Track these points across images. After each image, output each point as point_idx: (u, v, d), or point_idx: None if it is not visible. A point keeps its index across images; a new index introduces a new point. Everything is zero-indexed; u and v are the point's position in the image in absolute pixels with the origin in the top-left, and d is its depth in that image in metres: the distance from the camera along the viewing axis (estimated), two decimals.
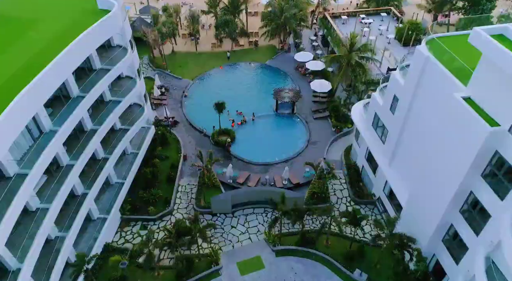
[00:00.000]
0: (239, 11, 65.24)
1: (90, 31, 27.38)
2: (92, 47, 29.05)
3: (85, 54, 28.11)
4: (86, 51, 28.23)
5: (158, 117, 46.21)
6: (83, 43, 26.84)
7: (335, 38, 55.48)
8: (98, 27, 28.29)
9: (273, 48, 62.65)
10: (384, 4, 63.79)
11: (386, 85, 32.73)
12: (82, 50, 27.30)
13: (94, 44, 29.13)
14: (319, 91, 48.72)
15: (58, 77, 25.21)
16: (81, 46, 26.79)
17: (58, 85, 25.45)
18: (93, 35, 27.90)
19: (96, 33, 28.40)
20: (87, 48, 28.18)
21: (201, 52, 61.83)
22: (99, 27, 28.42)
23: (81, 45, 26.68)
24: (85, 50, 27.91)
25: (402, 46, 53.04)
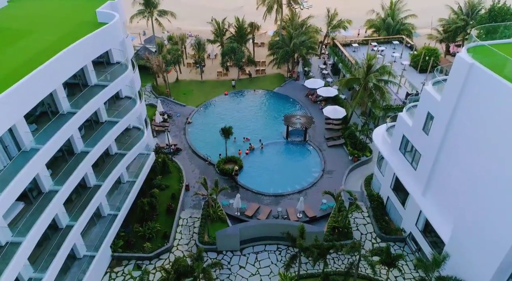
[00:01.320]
0: (246, 41, 63.70)
1: (84, 41, 24.45)
2: (87, 59, 25.98)
3: (77, 65, 24.93)
4: (79, 62, 25.08)
5: (159, 144, 42.57)
6: (75, 53, 23.82)
7: (347, 64, 53.04)
8: (93, 38, 25.43)
9: (281, 76, 60.24)
10: (394, 33, 62.07)
11: (414, 105, 29.32)
12: (74, 60, 24.16)
13: (89, 56, 26.10)
14: (333, 117, 45.36)
15: (43, 87, 21.83)
16: (73, 55, 23.73)
17: (43, 96, 21.99)
18: (87, 45, 24.95)
19: (91, 43, 25.47)
20: (81, 58, 25.07)
21: (206, 80, 59.41)
22: (94, 38, 25.57)
23: (73, 54, 23.64)
24: (77, 61, 24.77)
25: (418, 73, 50.32)
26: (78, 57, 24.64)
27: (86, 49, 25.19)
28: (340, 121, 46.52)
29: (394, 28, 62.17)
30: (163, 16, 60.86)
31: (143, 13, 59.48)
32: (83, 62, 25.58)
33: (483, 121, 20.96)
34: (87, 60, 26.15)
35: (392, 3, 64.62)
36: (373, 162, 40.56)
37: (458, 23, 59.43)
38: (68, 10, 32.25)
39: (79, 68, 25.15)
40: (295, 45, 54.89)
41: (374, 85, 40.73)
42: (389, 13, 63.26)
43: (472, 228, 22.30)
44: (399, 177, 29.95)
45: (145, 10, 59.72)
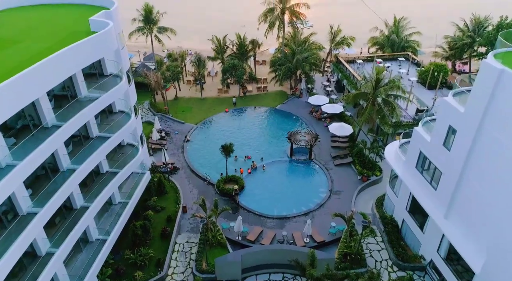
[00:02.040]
0: (247, 58, 62.27)
1: (72, 48, 22.34)
2: (75, 68, 23.83)
3: (64, 74, 22.73)
4: (66, 71, 22.89)
5: (155, 163, 40.04)
6: (61, 61, 21.69)
7: (352, 81, 51.19)
8: (82, 45, 23.35)
9: (283, 93, 58.38)
10: (399, 50, 60.66)
11: (432, 118, 27.04)
12: (60, 68, 21.97)
13: (78, 64, 23.96)
14: (339, 134, 43.03)
15: (24, 96, 19.50)
16: (59, 63, 21.59)
17: (23, 106, 19.63)
18: (75, 53, 22.84)
19: (80, 51, 23.38)
20: (68, 67, 22.89)
21: (206, 97, 57.52)
22: (84, 45, 23.50)
23: (59, 62, 21.50)
24: (64, 69, 22.58)
25: (426, 89, 48.39)
26: (65, 65, 22.45)
27: (74, 57, 23.06)
28: (347, 138, 44.18)
29: (399, 45, 60.84)
30: (163, 33, 59.66)
31: (143, 30, 58.27)
32: (71, 71, 23.39)
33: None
34: (76, 69, 24.00)
35: (395, 20, 63.64)
36: (384, 182, 37.94)
37: (464, 40, 58.10)
38: (62, 20, 30.58)
39: (66, 77, 22.92)
40: (298, 61, 53.26)
41: (383, 100, 38.62)
42: (393, 30, 62.09)
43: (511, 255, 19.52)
44: (417, 198, 27.26)
45: (145, 26, 58.55)
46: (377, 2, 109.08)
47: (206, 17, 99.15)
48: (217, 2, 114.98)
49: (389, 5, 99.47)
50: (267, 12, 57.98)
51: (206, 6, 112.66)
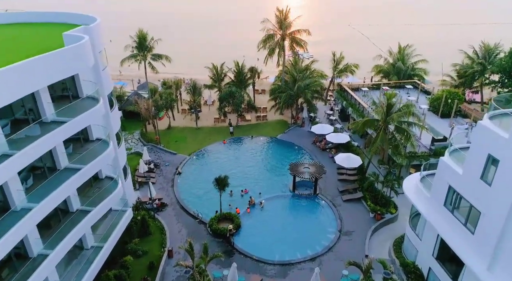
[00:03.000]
0: (246, 86, 59.20)
1: (32, 62, 18.67)
2: (38, 84, 20.00)
3: (22, 91, 18.85)
4: (25, 87, 19.02)
5: (141, 199, 35.50)
6: (17, 75, 17.92)
7: (358, 109, 47.61)
8: (48, 58, 19.73)
9: (284, 122, 54.66)
10: (406, 78, 57.64)
11: (462, 146, 22.95)
12: (19, 82, 18.16)
13: (41, 80, 20.12)
14: (347, 166, 38.78)
15: None
16: (14, 78, 17.80)
17: None
18: (38, 66, 19.13)
19: (46, 65, 19.71)
20: (29, 83, 19.07)
21: (202, 127, 53.78)
22: (50, 59, 19.88)
23: (13, 76, 17.71)
24: (25, 84, 18.74)
25: (439, 118, 44.68)
26: (25, 80, 18.65)
27: (36, 72, 19.30)
28: (355, 171, 39.87)
29: (405, 73, 57.88)
30: (157, 60, 56.84)
31: (136, 57, 55.48)
32: (32, 87, 19.56)
33: None
34: (39, 85, 20.15)
35: (400, 48, 61.09)
36: (400, 221, 33.30)
37: (474, 67, 55.09)
38: (36, 37, 27.48)
39: (24, 94, 19.03)
40: (299, 88, 49.97)
41: (396, 127, 34.68)
42: (398, 57, 59.36)
43: None
44: (447, 242, 22.58)
45: (138, 53, 55.80)
46: (377, 33, 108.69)
47: (204, 45, 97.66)
48: (217, 31, 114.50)
49: (387, 35, 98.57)
50: (267, 39, 55.46)
51: (204, 34, 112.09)
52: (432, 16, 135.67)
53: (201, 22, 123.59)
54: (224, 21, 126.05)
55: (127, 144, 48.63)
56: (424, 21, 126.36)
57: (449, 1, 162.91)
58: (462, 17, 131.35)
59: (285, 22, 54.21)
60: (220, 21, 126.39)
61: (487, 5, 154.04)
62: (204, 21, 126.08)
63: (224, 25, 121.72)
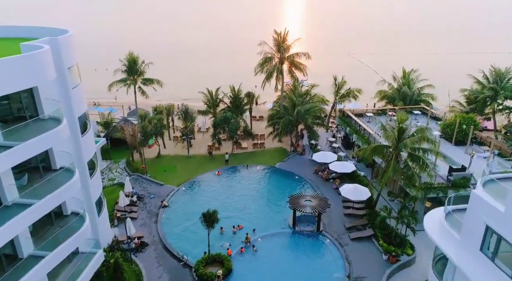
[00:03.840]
0: (242, 112, 55.67)
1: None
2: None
3: None
4: None
5: (117, 238, 30.83)
6: None
7: (363, 136, 43.72)
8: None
9: (283, 150, 50.65)
10: (412, 103, 54.22)
11: (500, 177, 18.79)
12: None
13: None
14: (354, 199, 34.38)
15: None
16: None
17: None
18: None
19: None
20: None
21: (194, 155, 49.67)
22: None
23: None
24: None
25: (453, 145, 40.66)
26: None
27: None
28: (363, 204, 35.43)
29: (411, 98, 54.54)
30: (148, 84, 53.65)
31: (125, 81, 52.30)
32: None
33: None
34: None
35: (405, 73, 58.07)
36: (419, 264, 28.59)
37: (485, 93, 51.78)
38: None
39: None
40: (299, 113, 46.35)
41: (409, 155, 30.58)
42: (403, 82, 56.21)
43: None
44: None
45: (128, 77, 52.66)
46: (377, 62, 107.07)
47: (199, 71, 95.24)
48: (214, 59, 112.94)
49: (387, 62, 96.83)
50: (264, 62, 52.52)
51: (200, 62, 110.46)
52: (433, 43, 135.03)
53: (197, 50, 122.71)
54: (221, 49, 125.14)
55: (111, 174, 44.40)
56: (425, 49, 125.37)
57: (447, 27, 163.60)
58: (466, 45, 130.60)
59: (283, 45, 51.48)
60: (217, 49, 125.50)
61: (492, 32, 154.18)
62: (201, 49, 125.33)
63: (221, 53, 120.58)
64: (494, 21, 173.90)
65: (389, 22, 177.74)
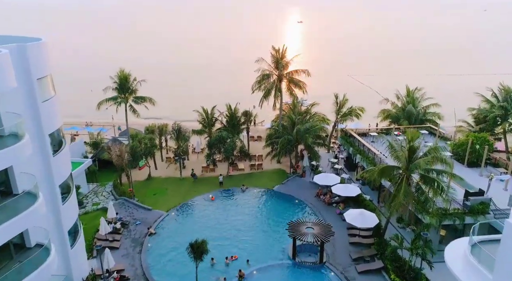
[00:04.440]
0: (239, 131, 52.85)
1: None
2: None
3: None
4: None
5: (95, 271, 27.32)
6: None
7: (367, 156, 40.72)
8: None
9: (282, 172, 47.48)
10: (418, 123, 51.49)
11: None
12: None
13: None
14: (360, 226, 31.05)
15: None
16: None
17: None
18: None
19: None
20: None
21: (187, 177, 46.45)
22: None
23: None
24: None
25: (466, 167, 37.58)
26: None
27: None
28: (371, 231, 32.03)
29: (416, 117, 51.84)
30: (140, 103, 51.12)
31: (116, 99, 49.79)
32: None
33: None
34: None
35: (409, 91, 55.64)
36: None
37: (495, 111, 49.11)
38: None
39: None
40: (298, 133, 43.52)
41: (422, 177, 27.47)
42: (408, 100, 53.68)
43: None
44: None
45: (119, 95, 50.18)
46: (378, 83, 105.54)
47: (195, 90, 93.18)
48: (210, 78, 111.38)
49: (389, 83, 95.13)
50: (262, 79, 50.12)
51: (196, 79, 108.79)
52: (432, 65, 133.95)
53: (194, 70, 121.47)
54: (218, 69, 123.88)
55: (96, 198, 41.13)
56: (425, 71, 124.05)
57: (446, 48, 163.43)
58: (466, 66, 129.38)
59: (281, 61, 49.22)
60: (214, 69, 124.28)
61: (492, 53, 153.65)
62: (198, 68, 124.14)
63: (218, 73, 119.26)
64: (491, 43, 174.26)
65: (387, 43, 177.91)
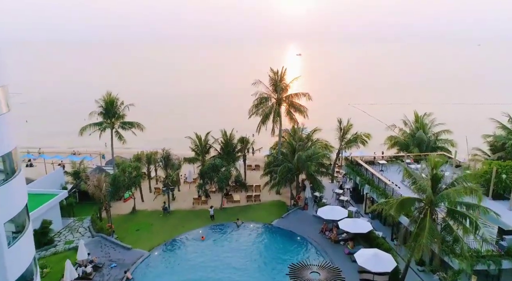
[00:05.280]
0: (235, 159, 48.52)
1: None
2: None
3: None
4: None
5: None
6: None
7: (378, 187, 36.20)
8: None
9: (281, 204, 42.72)
10: (429, 150, 47.22)
11: None
12: None
13: None
14: (374, 270, 26.04)
15: None
16: None
17: None
18: None
19: None
20: None
21: (176, 210, 41.70)
22: None
23: None
24: None
25: (491, 199, 32.86)
26: None
27: None
28: (387, 277, 26.94)
29: (428, 144, 47.61)
30: (128, 128, 47.27)
31: (101, 125, 45.99)
32: None
33: None
34: None
35: (417, 116, 51.73)
36: None
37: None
38: None
39: None
40: (299, 160, 39.20)
41: (450, 211, 22.87)
42: (417, 126, 49.64)
43: None
44: None
45: (104, 121, 46.43)
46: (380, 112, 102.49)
47: (191, 117, 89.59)
48: (207, 104, 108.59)
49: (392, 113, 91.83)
50: (259, 103, 46.41)
51: (192, 107, 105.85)
52: (435, 94, 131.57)
53: (190, 98, 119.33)
54: (214, 98, 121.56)
55: (71, 235, 36.18)
56: (426, 100, 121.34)
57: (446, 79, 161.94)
58: (471, 96, 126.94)
59: (280, 84, 45.72)
60: (211, 98, 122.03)
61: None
62: (194, 97, 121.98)
63: (214, 101, 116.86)
64: (490, 74, 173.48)
65: (386, 74, 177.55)
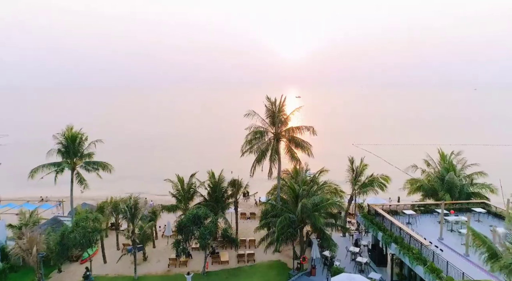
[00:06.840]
0: (225, 207, 39.34)
1: None
2: None
3: None
4: None
5: None
6: None
7: (410, 247, 26.89)
8: None
9: (281, 266, 33.12)
10: (463, 197, 38.29)
11: None
12: None
13: None
14: None
15: None
16: None
17: None
18: None
19: None
20: None
21: (146, 275, 32.08)
22: None
23: None
24: None
25: None
26: None
27: None
28: None
29: (461, 189, 38.71)
30: (93, 170, 38.56)
31: (59, 165, 37.33)
32: None
33: None
34: None
35: (443, 156, 43.15)
36: None
37: None
38: None
39: None
40: (304, 209, 30.08)
41: None
42: (446, 167, 40.93)
43: None
44: None
45: (64, 161, 37.85)
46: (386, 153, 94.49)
47: (177, 160, 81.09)
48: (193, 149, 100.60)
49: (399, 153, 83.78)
50: (254, 138, 38.13)
51: (177, 150, 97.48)
52: (440, 136, 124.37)
53: (187, 139, 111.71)
54: (207, 140, 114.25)
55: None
56: (433, 141, 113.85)
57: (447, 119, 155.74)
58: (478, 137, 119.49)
59: (279, 115, 37.74)
60: (210, 138, 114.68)
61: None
62: (191, 137, 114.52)
63: (211, 143, 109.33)
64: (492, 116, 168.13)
65: (388, 115, 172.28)
